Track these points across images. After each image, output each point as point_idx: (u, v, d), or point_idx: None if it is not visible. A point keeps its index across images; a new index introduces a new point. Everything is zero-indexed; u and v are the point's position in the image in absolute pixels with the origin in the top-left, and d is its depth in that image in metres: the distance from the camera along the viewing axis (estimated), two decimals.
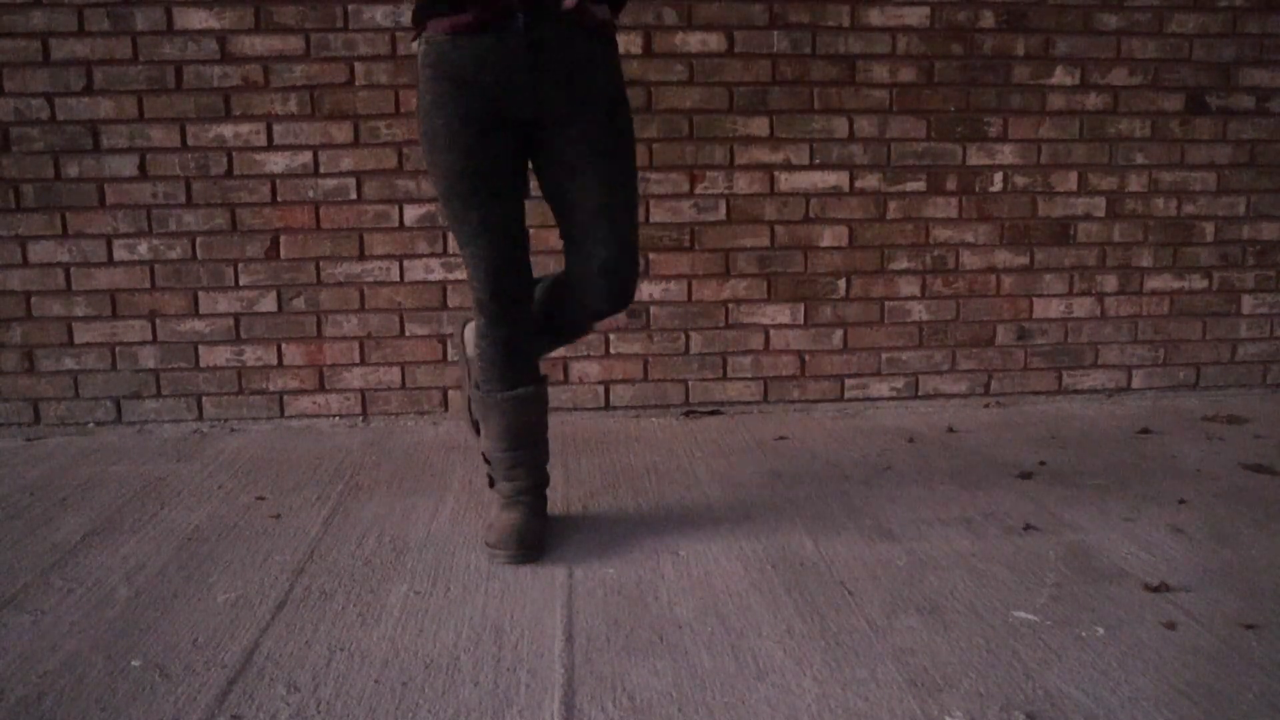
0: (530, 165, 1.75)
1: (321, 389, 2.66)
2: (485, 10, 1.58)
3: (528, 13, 1.59)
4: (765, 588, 1.60)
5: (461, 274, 2.63)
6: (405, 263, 2.62)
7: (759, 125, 2.64)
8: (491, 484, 1.87)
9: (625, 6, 1.77)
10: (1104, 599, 1.54)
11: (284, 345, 2.63)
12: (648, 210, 2.65)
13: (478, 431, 1.90)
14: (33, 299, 2.57)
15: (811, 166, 2.67)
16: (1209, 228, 2.82)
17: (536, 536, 1.74)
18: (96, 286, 2.57)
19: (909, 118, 2.68)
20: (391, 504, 2.03)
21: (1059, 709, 1.23)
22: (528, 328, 1.78)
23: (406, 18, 2.52)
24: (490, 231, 1.68)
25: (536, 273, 1.86)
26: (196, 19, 2.49)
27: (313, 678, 1.33)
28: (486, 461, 1.84)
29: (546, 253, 2.61)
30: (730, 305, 2.71)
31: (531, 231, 2.63)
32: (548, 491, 1.97)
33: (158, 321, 2.60)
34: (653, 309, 2.69)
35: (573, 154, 1.67)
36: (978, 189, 2.73)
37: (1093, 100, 2.73)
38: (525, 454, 1.80)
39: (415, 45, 1.70)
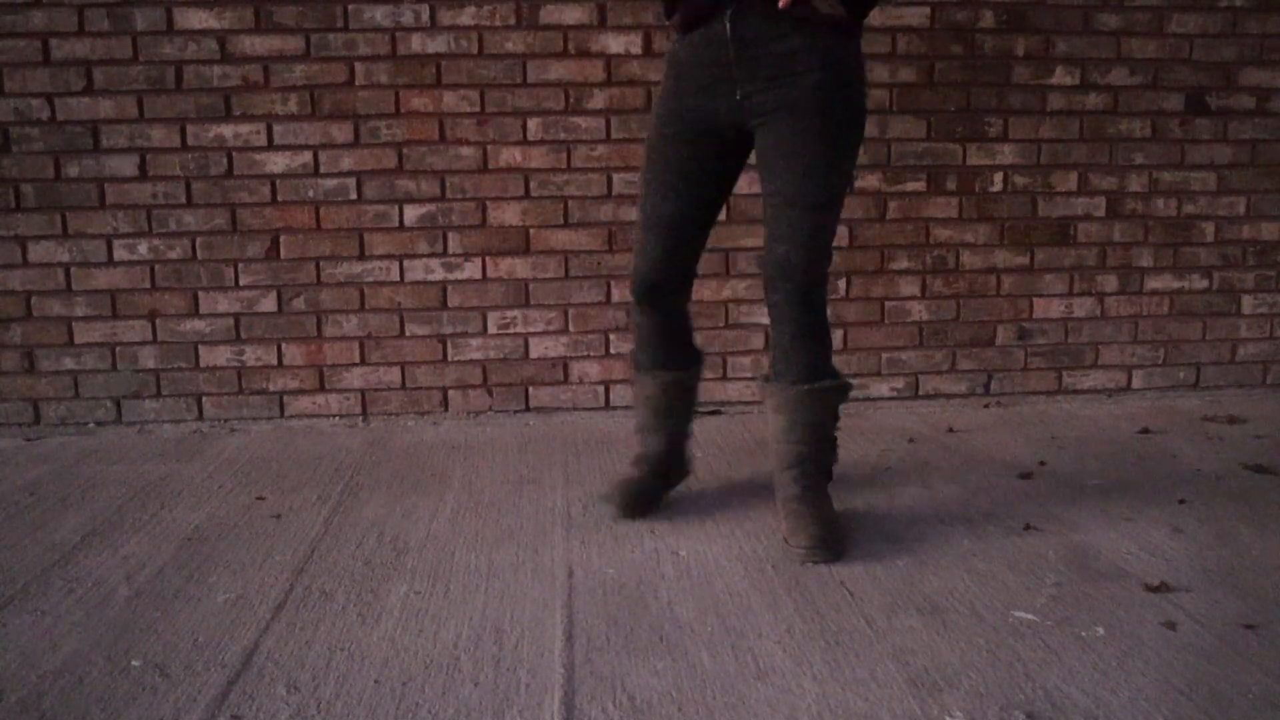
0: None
1: (321, 389, 2.66)
2: (689, 9, 1.65)
3: (735, 9, 1.61)
4: (765, 588, 1.60)
5: (461, 274, 2.63)
6: (405, 263, 2.62)
7: None
8: (638, 429, 1.98)
9: (873, 7, 1.70)
10: (1104, 599, 1.54)
11: (284, 345, 2.63)
12: None
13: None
14: (33, 299, 2.57)
15: None
16: (1209, 228, 2.82)
17: (642, 495, 1.87)
18: (96, 286, 2.57)
19: (909, 118, 2.68)
20: (391, 504, 2.03)
21: (1059, 709, 1.23)
22: (673, 320, 1.87)
23: (407, 18, 2.53)
24: (660, 226, 1.76)
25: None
26: (196, 19, 2.49)
27: (313, 678, 1.33)
28: (639, 418, 1.98)
29: (544, 253, 2.61)
30: (730, 305, 2.71)
31: (533, 232, 2.63)
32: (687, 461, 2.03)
33: (158, 321, 2.60)
34: None
35: (764, 152, 1.68)
36: (978, 189, 2.73)
37: (1093, 100, 2.73)
38: (655, 425, 1.92)
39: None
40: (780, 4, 1.56)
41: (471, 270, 2.64)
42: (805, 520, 1.71)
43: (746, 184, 2.66)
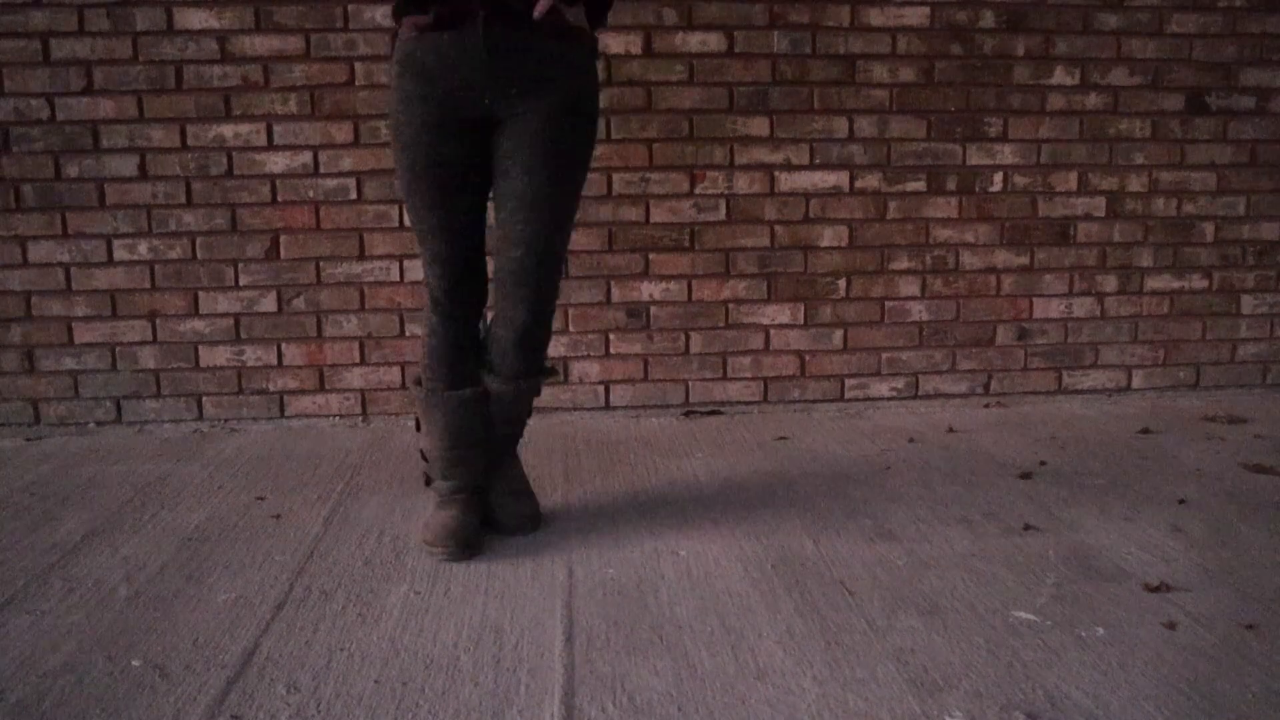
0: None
1: (321, 389, 2.66)
2: (444, 9, 1.60)
3: (487, 13, 1.59)
4: (765, 588, 1.60)
5: None
6: (405, 263, 2.62)
7: (759, 125, 2.64)
8: (428, 482, 1.89)
9: (608, 12, 1.75)
10: (1104, 599, 1.54)
11: (284, 345, 2.63)
12: (647, 210, 2.65)
13: (419, 427, 1.91)
14: (33, 299, 2.57)
15: (811, 166, 2.67)
16: (1209, 228, 2.82)
17: (473, 534, 1.76)
18: (96, 286, 2.57)
19: (909, 118, 2.68)
20: (391, 504, 2.03)
21: (1059, 709, 1.23)
22: (475, 331, 1.82)
23: None
24: (448, 231, 1.71)
25: None
26: (196, 19, 2.49)
27: (313, 678, 1.33)
28: (425, 459, 1.87)
29: None
30: (730, 305, 2.71)
31: None
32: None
33: (158, 321, 2.60)
34: (653, 309, 2.69)
35: (507, 155, 1.67)
36: (978, 189, 2.73)
37: (1093, 100, 2.73)
38: (464, 453, 1.82)
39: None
40: (535, 13, 1.56)
41: None
42: (525, 497, 1.87)
43: (746, 184, 2.66)
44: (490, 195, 1.75)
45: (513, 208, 1.68)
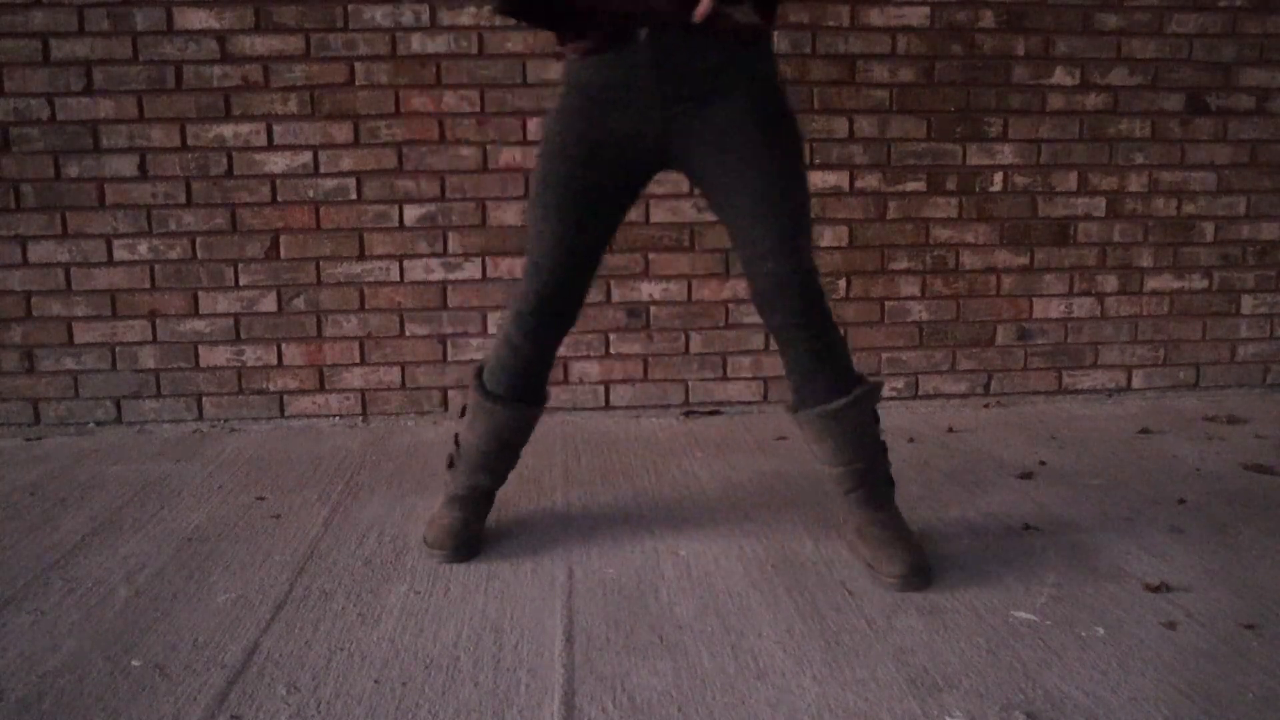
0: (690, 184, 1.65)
1: (321, 389, 2.66)
2: (603, 32, 1.53)
3: (651, 28, 1.51)
4: (765, 588, 1.60)
5: (461, 274, 2.63)
6: (405, 263, 2.62)
7: None
8: (450, 464, 1.84)
9: (777, 10, 1.62)
10: (1104, 599, 1.54)
11: (284, 345, 2.63)
12: (647, 210, 2.65)
13: (463, 414, 1.83)
14: (33, 299, 2.57)
15: (811, 166, 2.67)
16: (1209, 228, 2.82)
17: (474, 538, 1.74)
18: (96, 286, 2.57)
19: (909, 118, 2.68)
20: (391, 504, 2.03)
21: (1059, 709, 1.23)
22: (554, 350, 1.74)
23: (407, 18, 2.52)
24: (558, 250, 1.63)
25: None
26: (196, 19, 2.49)
27: (313, 678, 1.33)
28: (456, 445, 1.82)
29: None
30: (730, 305, 2.71)
31: None
32: (494, 494, 1.89)
33: (158, 321, 2.60)
34: (653, 309, 2.69)
35: (711, 173, 1.58)
36: (978, 189, 2.73)
37: (1093, 100, 2.73)
38: (495, 462, 1.79)
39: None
40: (696, 14, 1.46)
41: (471, 270, 2.64)
42: (891, 545, 1.61)
43: None
44: (721, 218, 1.64)
45: (746, 225, 1.57)
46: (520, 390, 1.74)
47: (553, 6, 1.57)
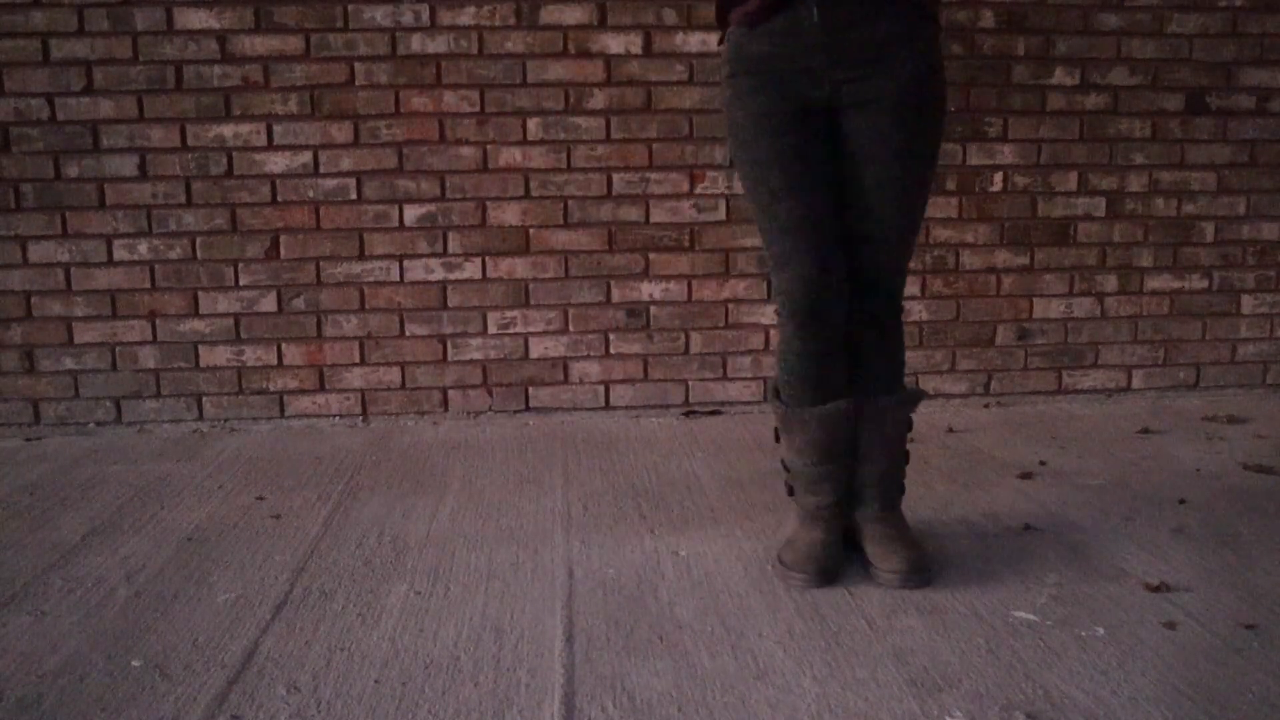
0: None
1: (321, 389, 2.66)
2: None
3: None
4: (765, 588, 1.60)
5: (462, 274, 2.63)
6: (405, 263, 2.62)
7: None
8: (791, 493, 1.73)
9: None
10: (1104, 599, 1.54)
11: (284, 345, 2.63)
12: (647, 210, 2.65)
13: (777, 439, 1.74)
14: (33, 299, 2.57)
15: None
16: (1209, 228, 2.82)
17: (837, 559, 1.62)
18: (96, 286, 2.57)
19: None
20: (391, 504, 2.03)
21: (1059, 709, 1.23)
22: (840, 339, 1.62)
23: (407, 18, 2.52)
24: (802, 227, 1.55)
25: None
26: (196, 19, 2.49)
27: (313, 678, 1.33)
28: (786, 469, 1.71)
29: (545, 253, 2.61)
30: (730, 305, 2.71)
31: (533, 232, 2.63)
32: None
33: (158, 321, 2.60)
34: (653, 309, 2.69)
35: (857, 143, 1.56)
36: (978, 189, 2.73)
37: (1093, 100, 2.73)
38: (831, 469, 1.65)
39: (720, 47, 1.64)
40: None
41: (471, 270, 2.64)
42: (894, 543, 1.61)
43: None
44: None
45: (867, 203, 1.57)
46: (821, 390, 1.63)
47: None
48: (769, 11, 1.53)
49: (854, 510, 1.70)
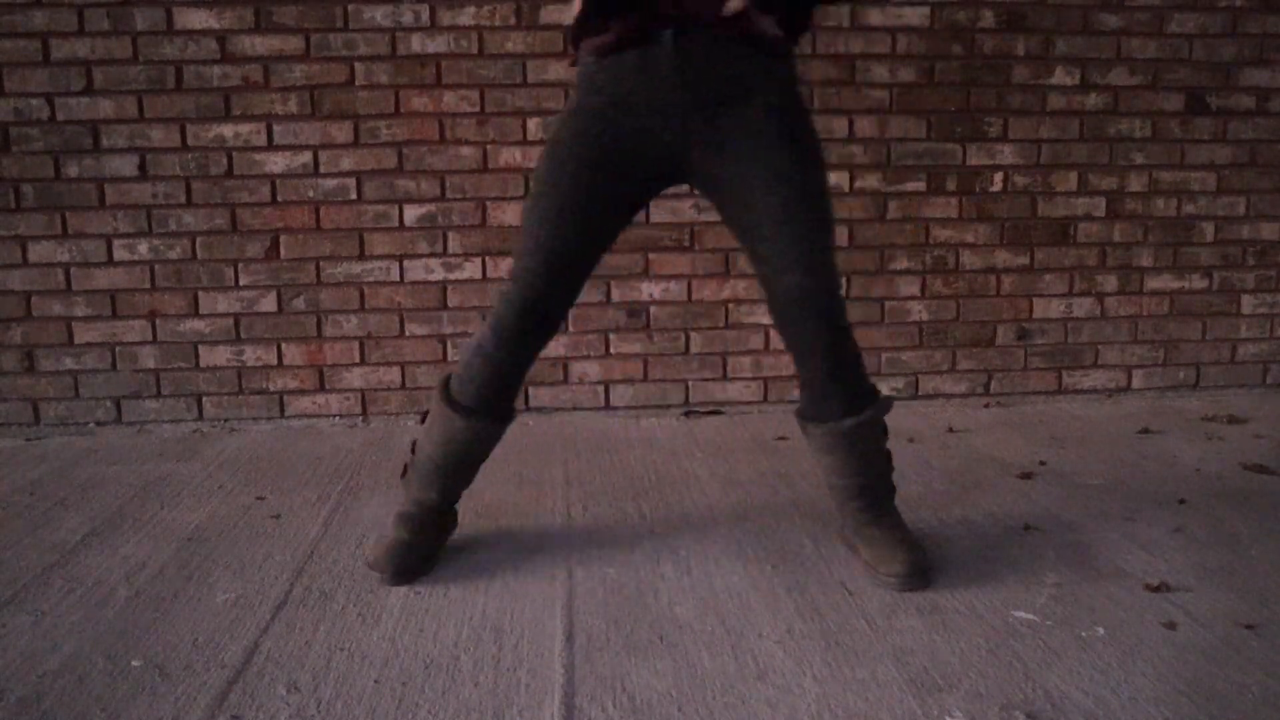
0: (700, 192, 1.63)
1: (321, 389, 2.66)
2: (628, 26, 1.47)
3: (677, 26, 1.46)
4: (765, 588, 1.60)
5: (462, 274, 2.63)
6: (405, 263, 2.62)
7: None
8: (404, 473, 1.75)
9: (807, 31, 1.60)
10: (1104, 599, 1.54)
11: (284, 345, 2.63)
12: (647, 210, 2.65)
13: (424, 420, 1.74)
14: (33, 299, 2.57)
15: None
16: (1209, 228, 2.82)
17: (419, 558, 1.65)
18: (96, 286, 2.57)
19: (909, 118, 2.68)
20: (391, 504, 2.03)
21: (1059, 709, 1.23)
22: (528, 364, 1.64)
23: (407, 18, 2.52)
24: (552, 258, 1.55)
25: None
26: (196, 19, 2.49)
27: (313, 678, 1.33)
28: (412, 453, 1.74)
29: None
30: (730, 305, 2.71)
31: None
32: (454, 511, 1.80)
33: (158, 321, 2.60)
34: (653, 309, 2.69)
35: (732, 180, 1.53)
36: (978, 189, 2.73)
37: (1093, 100, 2.73)
38: (449, 477, 1.70)
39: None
40: (725, 9, 1.44)
41: (471, 270, 2.64)
42: (891, 546, 1.61)
43: None
44: (738, 234, 1.59)
45: (768, 234, 1.52)
46: (487, 403, 1.64)
47: None
48: (624, 45, 1.49)
49: (845, 521, 1.71)
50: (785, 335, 1.59)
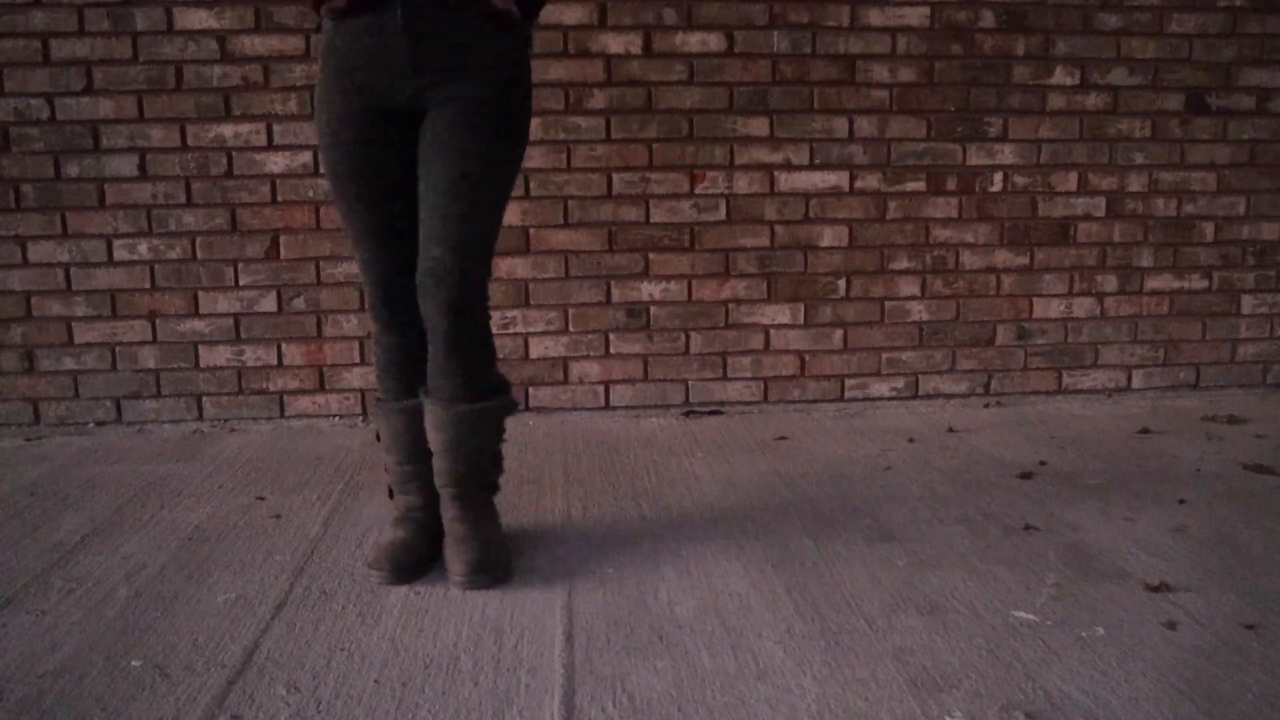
0: None
1: (321, 389, 2.66)
2: None
3: None
4: (765, 588, 1.60)
5: None
6: None
7: (759, 125, 2.64)
8: (391, 495, 1.79)
9: (541, 6, 1.66)
10: (1104, 599, 1.54)
11: (284, 345, 2.63)
12: (647, 210, 2.65)
13: (378, 437, 1.79)
14: (33, 299, 2.57)
15: (811, 166, 2.67)
16: (1209, 228, 2.82)
17: (417, 557, 1.66)
18: (96, 286, 2.57)
19: (909, 118, 2.68)
20: (391, 504, 2.02)
21: (1059, 709, 1.23)
22: (421, 338, 1.67)
23: None
24: (377, 234, 1.62)
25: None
26: (196, 19, 2.49)
27: (313, 678, 1.33)
28: (387, 471, 1.78)
29: (544, 253, 2.62)
30: (730, 305, 2.71)
31: (533, 232, 2.63)
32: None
33: (158, 321, 2.60)
34: (653, 309, 2.69)
35: (427, 142, 1.57)
36: (978, 189, 2.73)
37: (1093, 100, 2.73)
38: (415, 468, 1.72)
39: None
40: None
41: None
42: (463, 546, 1.62)
43: (746, 184, 2.66)
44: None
45: (431, 202, 1.56)
46: (401, 387, 1.71)
47: None
48: (356, 9, 1.52)
49: (441, 507, 1.71)
50: (422, 308, 1.60)
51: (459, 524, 1.66)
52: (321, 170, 2.54)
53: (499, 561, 1.63)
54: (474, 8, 1.54)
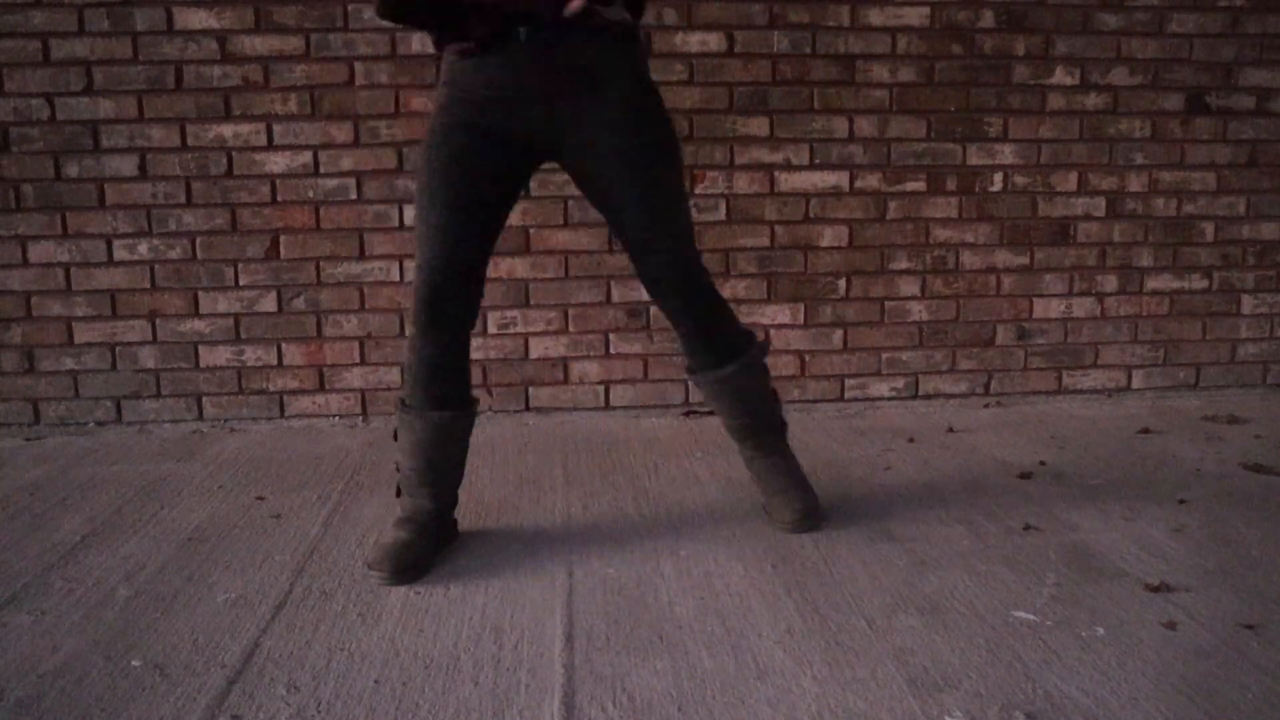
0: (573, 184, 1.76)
1: (321, 389, 2.66)
2: (484, 33, 1.58)
3: (529, 26, 1.57)
4: (765, 588, 1.60)
5: None
6: (405, 263, 2.62)
7: (759, 125, 2.64)
8: (399, 494, 1.80)
9: (647, 7, 1.73)
10: (1104, 599, 1.54)
11: (284, 345, 2.63)
12: None
13: (395, 438, 1.81)
14: (33, 299, 2.57)
15: (811, 166, 2.67)
16: (1209, 228, 2.82)
17: (417, 558, 1.66)
18: (96, 286, 2.57)
19: (909, 118, 2.68)
20: (391, 504, 2.03)
21: (1059, 709, 1.23)
22: (460, 350, 1.71)
23: None
24: (443, 240, 1.63)
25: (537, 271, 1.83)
26: (196, 19, 2.49)
27: (313, 678, 1.33)
28: (398, 470, 1.79)
29: (544, 253, 2.62)
30: (730, 305, 2.71)
31: (533, 232, 2.63)
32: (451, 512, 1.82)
33: (158, 321, 2.60)
34: (653, 309, 2.69)
35: (601, 168, 1.65)
36: (978, 189, 2.73)
37: (1093, 100, 2.73)
38: (431, 476, 1.74)
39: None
40: (566, 11, 1.53)
41: None
42: (786, 493, 1.83)
43: (746, 184, 2.66)
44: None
45: (622, 220, 1.67)
46: (434, 397, 1.71)
47: (434, 8, 1.62)
48: (483, 50, 1.60)
49: (746, 464, 1.92)
50: (660, 305, 1.76)
51: (772, 474, 1.87)
52: (408, 166, 2.55)
53: (819, 504, 1.86)
54: (593, 26, 1.60)
